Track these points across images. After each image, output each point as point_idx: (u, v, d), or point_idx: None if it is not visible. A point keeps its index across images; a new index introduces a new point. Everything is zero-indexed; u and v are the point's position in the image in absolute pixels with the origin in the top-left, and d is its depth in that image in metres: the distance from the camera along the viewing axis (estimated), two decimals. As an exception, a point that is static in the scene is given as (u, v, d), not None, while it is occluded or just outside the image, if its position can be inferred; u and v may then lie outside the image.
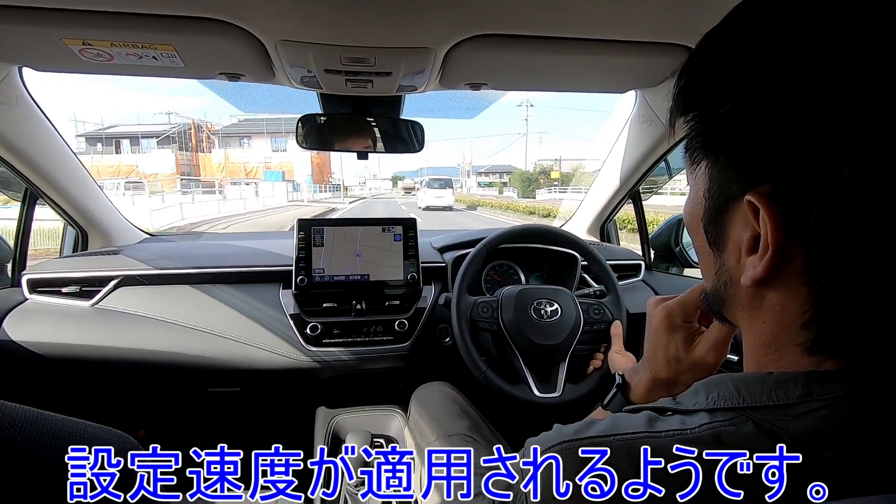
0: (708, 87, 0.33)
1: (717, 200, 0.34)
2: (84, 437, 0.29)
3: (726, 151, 0.33)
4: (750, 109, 0.30)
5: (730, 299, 0.37)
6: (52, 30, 0.76)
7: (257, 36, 0.78)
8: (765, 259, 0.30)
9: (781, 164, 0.29)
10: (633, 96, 1.23)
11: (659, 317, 0.57)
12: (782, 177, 0.29)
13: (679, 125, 0.37)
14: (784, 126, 0.28)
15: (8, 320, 1.10)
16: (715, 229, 0.36)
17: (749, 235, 0.32)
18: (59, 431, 0.28)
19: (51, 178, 1.18)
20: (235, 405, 1.41)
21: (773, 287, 0.32)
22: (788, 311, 0.32)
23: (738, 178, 0.32)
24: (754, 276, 0.32)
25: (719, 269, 0.37)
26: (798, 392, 0.30)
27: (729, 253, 0.35)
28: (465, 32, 0.80)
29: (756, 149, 0.30)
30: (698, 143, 0.35)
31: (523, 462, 0.37)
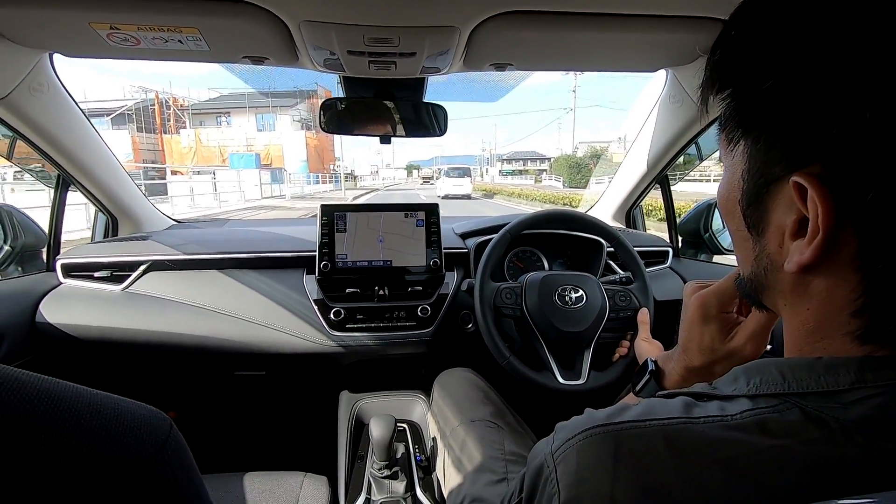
0: (747, 61, 0.31)
1: (757, 182, 0.32)
2: (117, 410, 0.29)
3: (769, 130, 0.30)
4: (797, 84, 0.28)
5: (770, 286, 0.35)
6: (80, 14, 0.77)
7: (281, 17, 0.78)
8: (814, 243, 0.29)
9: (834, 142, 0.27)
10: (662, 76, 1.19)
11: (694, 306, 0.55)
12: (835, 156, 0.27)
13: (713, 103, 0.34)
14: (837, 100, 0.26)
15: (44, 303, 1.14)
16: (754, 213, 0.34)
17: (794, 219, 0.30)
18: (94, 405, 0.29)
19: (82, 165, 1.21)
20: (261, 388, 1.44)
21: (820, 273, 0.30)
22: (836, 298, 0.30)
23: (782, 158, 0.30)
24: (800, 261, 0.30)
25: (759, 255, 0.35)
26: (850, 378, 0.29)
27: (770, 237, 0.33)
28: (491, 10, 0.78)
29: (804, 127, 0.28)
30: (736, 122, 0.33)
31: (553, 445, 0.37)
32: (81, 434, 0.27)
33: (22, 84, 0.97)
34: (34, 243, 1.27)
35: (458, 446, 0.91)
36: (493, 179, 54.30)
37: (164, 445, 0.30)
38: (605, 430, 0.34)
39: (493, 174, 62.29)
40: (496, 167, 67.66)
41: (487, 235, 1.27)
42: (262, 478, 0.93)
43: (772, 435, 0.29)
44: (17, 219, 1.21)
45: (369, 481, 0.98)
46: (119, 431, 0.29)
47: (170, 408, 1.42)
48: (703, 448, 0.30)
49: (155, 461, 0.29)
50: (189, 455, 0.34)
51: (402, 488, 0.95)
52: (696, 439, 0.31)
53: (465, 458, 0.87)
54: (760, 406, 0.31)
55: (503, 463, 0.83)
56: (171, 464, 0.30)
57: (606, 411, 0.36)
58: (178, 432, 0.33)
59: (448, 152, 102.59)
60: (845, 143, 0.26)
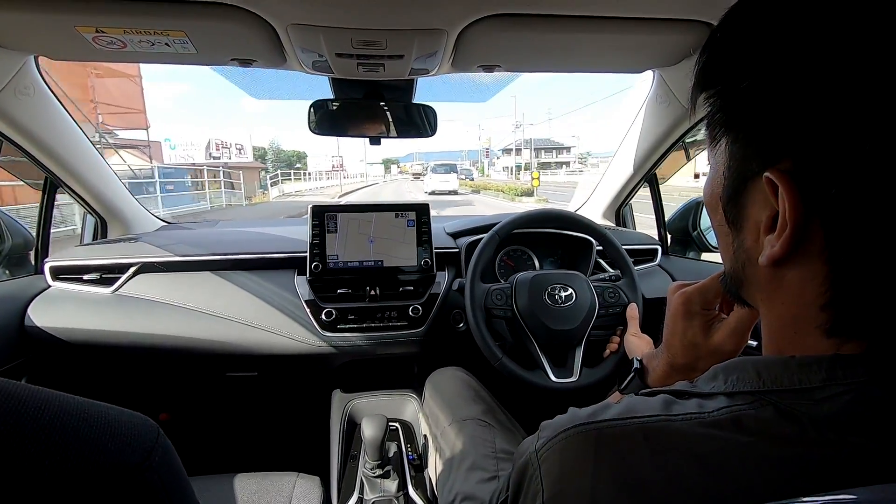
0: (729, 63, 0.33)
1: (736, 179, 0.34)
2: (105, 419, 0.30)
3: (746, 128, 0.32)
4: (771, 84, 0.29)
5: (748, 280, 0.37)
6: (65, 17, 0.76)
7: (268, 20, 0.78)
8: (783, 237, 0.30)
9: (801, 139, 0.28)
10: (649, 76, 1.20)
11: (677, 303, 0.57)
12: (802, 152, 0.28)
13: (700, 104, 0.36)
14: (804, 100, 0.28)
15: (33, 306, 1.13)
16: (734, 208, 0.35)
17: (768, 214, 0.31)
18: (81, 413, 0.29)
19: (70, 167, 1.20)
20: (254, 389, 1.44)
21: (792, 267, 0.31)
22: (808, 292, 0.31)
23: (757, 154, 0.31)
24: (772, 254, 0.31)
25: (737, 250, 0.36)
26: (821, 376, 0.30)
27: (747, 232, 0.35)
28: (478, 12, 0.78)
29: (776, 124, 0.30)
30: (719, 121, 0.34)
31: (537, 444, 0.37)
32: (69, 443, 0.27)
33: (7, 87, 0.96)
34: (22, 246, 1.26)
35: (450, 445, 0.91)
36: (494, 177, 48.03)
37: (151, 451, 0.31)
38: (587, 429, 0.35)
39: (496, 168, 54.21)
40: (498, 161, 58.66)
41: (478, 235, 1.28)
42: (254, 479, 0.94)
43: (746, 431, 0.30)
44: (3, 221, 1.20)
45: (362, 481, 0.99)
46: (106, 439, 0.29)
47: (161, 410, 1.42)
48: (680, 444, 0.31)
49: (143, 467, 0.29)
50: (177, 460, 0.34)
51: (395, 487, 0.96)
52: (674, 436, 0.32)
53: (456, 456, 0.88)
54: (737, 403, 0.32)
55: (494, 461, 0.84)
56: (158, 470, 0.31)
57: (589, 410, 0.37)
58: (165, 438, 0.33)
59: (425, 148, 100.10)
60: (811, 140, 0.28)
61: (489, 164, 59.76)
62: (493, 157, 61.20)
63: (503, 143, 64.06)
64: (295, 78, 1.09)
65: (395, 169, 78.35)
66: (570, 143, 59.37)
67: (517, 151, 50.33)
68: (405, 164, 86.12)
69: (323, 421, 1.24)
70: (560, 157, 52.97)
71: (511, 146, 57.94)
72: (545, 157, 56.98)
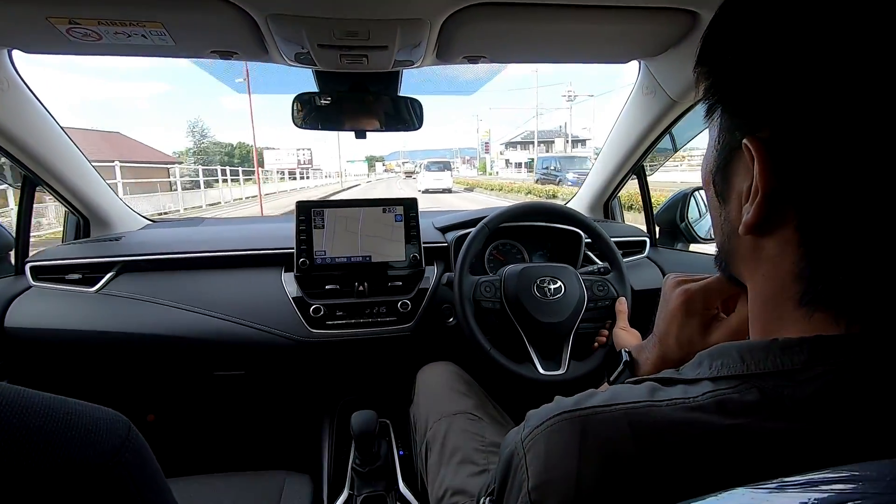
0: (720, 37, 0.34)
1: (723, 150, 0.35)
2: (71, 415, 0.29)
3: (734, 99, 0.33)
4: (758, 56, 0.30)
5: (733, 252, 0.38)
6: (36, 8, 0.74)
7: (247, 10, 0.76)
8: (755, 203, 0.31)
9: (780, 108, 0.29)
10: (636, 67, 1.20)
11: (678, 300, 0.55)
12: (781, 122, 0.29)
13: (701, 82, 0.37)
14: (785, 72, 0.28)
15: (13, 307, 1.11)
16: (721, 180, 0.36)
17: (748, 184, 0.32)
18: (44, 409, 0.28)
19: (49, 165, 1.17)
20: (241, 388, 1.42)
21: (769, 237, 0.32)
22: (785, 263, 0.32)
23: (741, 125, 0.33)
24: (747, 221, 0.32)
25: (724, 222, 0.37)
26: (803, 358, 0.30)
27: (732, 204, 0.36)
28: (461, 1, 0.78)
29: (757, 93, 0.31)
30: (712, 94, 0.35)
31: (523, 433, 0.37)
32: (29, 439, 0.26)
33: None
34: (2, 246, 1.23)
35: (440, 439, 0.91)
36: (501, 174, 41.64)
37: (120, 448, 0.30)
38: (572, 416, 0.34)
39: (499, 165, 47.47)
40: (500, 157, 52.01)
41: (466, 229, 1.27)
42: (244, 478, 0.93)
43: (730, 414, 0.30)
44: (-19, 222, 1.18)
45: (352, 477, 0.98)
46: (70, 435, 0.28)
47: (148, 410, 1.40)
48: (665, 429, 0.31)
49: (111, 464, 0.29)
50: (151, 457, 0.33)
51: (385, 483, 0.96)
52: (658, 421, 0.32)
53: (446, 450, 0.88)
54: (721, 388, 0.32)
55: (484, 454, 0.84)
56: (129, 466, 0.30)
57: (574, 398, 0.37)
58: (138, 434, 0.32)
59: (411, 146, 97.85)
60: (789, 109, 0.29)
61: (491, 161, 53.78)
62: (496, 153, 55.81)
63: (504, 137, 58.59)
64: (278, 72, 1.07)
65: (380, 167, 74.51)
66: (584, 135, 51.03)
67: (523, 146, 44.38)
68: (390, 161, 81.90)
69: (312, 418, 1.23)
70: (575, 151, 42.43)
71: (517, 138, 51.16)
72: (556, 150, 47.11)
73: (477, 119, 68.74)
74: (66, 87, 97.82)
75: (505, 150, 54.98)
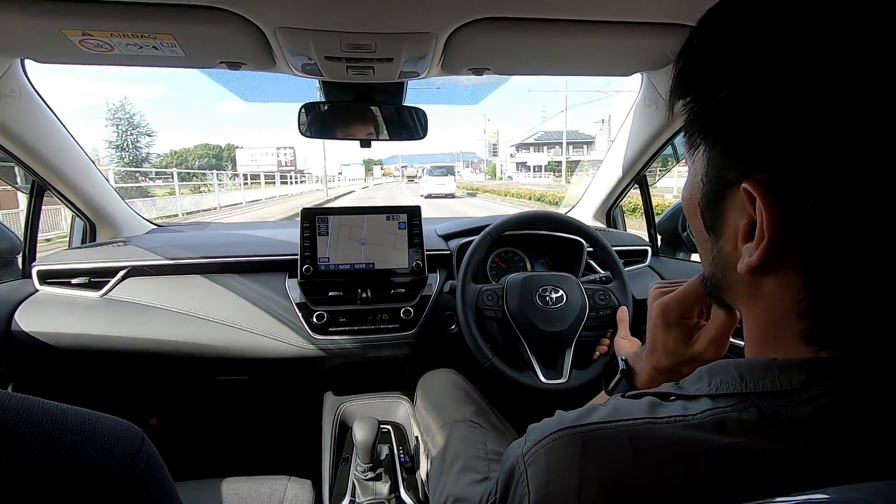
0: (707, 70, 0.32)
1: (714, 186, 0.34)
2: (87, 426, 0.30)
3: (724, 137, 0.32)
4: (749, 94, 0.29)
5: (727, 285, 0.37)
6: (51, 21, 0.76)
7: (257, 23, 0.78)
8: (760, 247, 0.30)
9: (779, 151, 0.28)
10: (638, 79, 1.21)
11: (655, 312, 0.56)
12: (780, 164, 0.29)
13: (679, 108, 0.36)
14: (784, 112, 0.28)
15: (20, 311, 1.12)
16: (712, 215, 0.35)
17: (746, 222, 0.32)
18: (63, 421, 0.29)
19: (58, 171, 1.19)
20: (245, 393, 1.43)
21: (770, 275, 0.32)
22: (786, 299, 0.31)
23: (735, 164, 0.31)
24: (750, 263, 0.31)
25: (716, 256, 0.37)
26: (801, 378, 0.30)
27: (726, 239, 0.35)
28: (466, 16, 0.79)
29: (754, 135, 0.30)
30: (697, 127, 0.34)
31: (525, 447, 0.38)
32: (50, 451, 0.27)
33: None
34: (9, 250, 1.24)
35: (441, 446, 0.92)
36: (515, 179, 37.30)
37: (135, 458, 0.30)
38: (573, 432, 0.35)
39: (508, 168, 43.25)
40: (509, 160, 47.87)
41: (469, 237, 1.28)
42: (245, 482, 0.93)
43: (729, 433, 0.31)
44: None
45: (354, 483, 0.98)
46: (88, 446, 0.29)
47: (152, 414, 1.41)
48: (665, 447, 0.31)
49: (126, 475, 0.29)
50: (163, 467, 0.34)
51: (387, 489, 0.96)
52: (658, 439, 0.32)
53: (448, 458, 0.88)
54: (720, 405, 0.32)
55: (485, 462, 0.85)
56: (143, 477, 0.30)
57: (575, 413, 0.37)
58: (150, 444, 0.33)
59: (409, 150, 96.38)
60: (789, 153, 0.28)
61: (500, 165, 49.07)
62: (504, 155, 51.29)
63: (513, 139, 53.01)
64: (284, 80, 1.09)
65: (378, 171, 70.79)
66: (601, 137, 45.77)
67: (537, 147, 39.34)
68: (389, 165, 78.50)
69: (314, 424, 1.24)
70: (591, 154, 40.82)
71: (530, 139, 45.74)
72: (574, 153, 42.94)
73: (484, 119, 63.04)
74: (60, 91, 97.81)
75: (516, 152, 50.60)
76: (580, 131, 46.32)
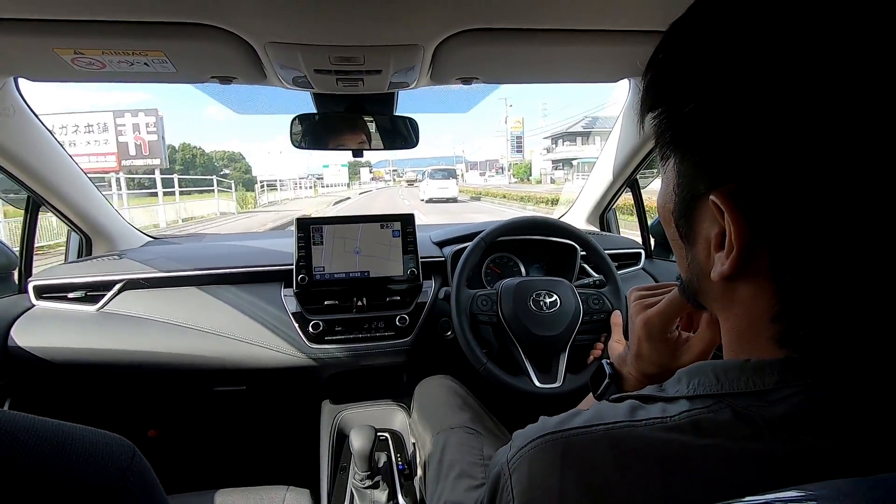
0: (672, 84, 0.33)
1: (685, 196, 0.35)
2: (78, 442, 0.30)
3: (692, 149, 0.33)
4: (713, 108, 0.30)
5: (702, 291, 0.38)
6: (43, 40, 0.77)
7: (246, 39, 0.79)
8: (731, 257, 0.31)
9: (744, 163, 0.29)
10: (627, 85, 1.23)
11: (639, 326, 0.57)
12: (745, 176, 0.29)
13: (648, 120, 0.36)
14: (746, 126, 0.28)
15: (16, 327, 1.12)
16: (685, 224, 0.36)
17: (717, 232, 0.32)
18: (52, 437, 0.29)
19: (52, 186, 1.20)
20: (242, 403, 1.43)
21: (743, 282, 0.33)
22: (759, 305, 0.32)
23: (703, 176, 0.32)
24: (721, 272, 0.32)
25: (691, 263, 0.38)
26: (774, 378, 0.31)
27: (699, 247, 0.36)
28: (453, 28, 0.80)
29: (720, 148, 0.30)
30: (667, 139, 0.35)
31: (510, 454, 0.38)
32: (39, 468, 0.27)
33: None
34: (5, 265, 1.25)
35: (438, 453, 0.92)
36: (553, 178, 31.97)
37: (125, 473, 0.31)
38: (555, 437, 0.35)
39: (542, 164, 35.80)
40: (538, 155, 38.78)
41: (463, 243, 1.29)
42: (244, 493, 0.93)
43: (705, 434, 0.31)
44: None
45: (352, 492, 0.99)
46: (78, 462, 0.29)
47: (149, 426, 1.41)
48: (643, 450, 0.32)
49: (116, 489, 0.30)
50: (155, 480, 0.35)
51: (385, 497, 0.97)
52: (637, 442, 0.32)
53: (444, 464, 0.88)
54: (697, 407, 0.33)
55: (482, 468, 0.85)
56: (133, 491, 0.31)
57: (558, 418, 0.38)
58: (142, 458, 0.34)
59: (400, 155, 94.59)
60: (753, 165, 0.29)
61: (526, 162, 37.17)
62: (512, 152, 40.57)
63: (544, 129, 40.49)
64: (277, 92, 1.10)
65: (366, 174, 63.70)
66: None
67: (585, 137, 29.49)
68: (379, 169, 74.14)
69: (312, 433, 1.24)
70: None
71: (576, 127, 34.29)
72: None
73: (505, 104, 45.68)
74: (44, 99, 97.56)
75: (553, 146, 39.08)
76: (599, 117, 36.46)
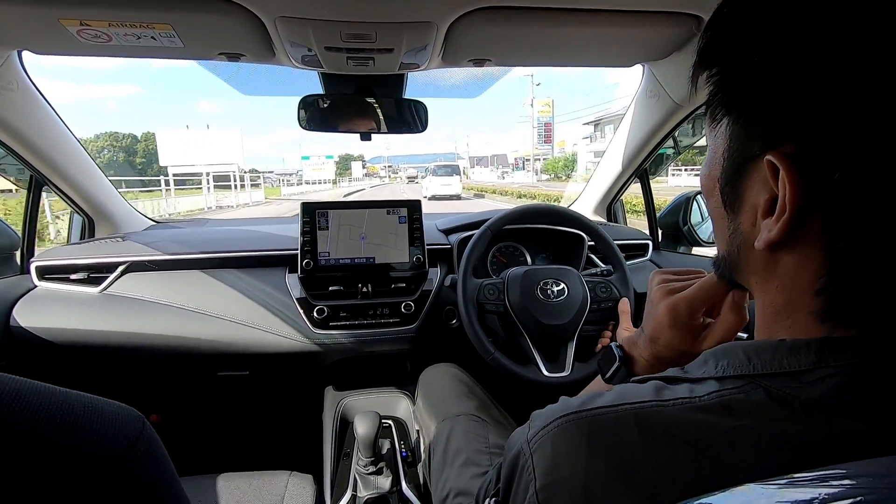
0: (736, 38, 0.32)
1: (735, 160, 0.34)
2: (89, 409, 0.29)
3: (750, 108, 0.32)
4: (780, 61, 0.29)
5: (743, 264, 0.37)
6: (49, 10, 0.75)
7: (256, 13, 0.77)
8: (781, 221, 0.30)
9: (806, 122, 0.28)
10: (640, 71, 1.21)
11: (663, 311, 0.55)
12: (807, 136, 0.28)
13: (701, 85, 0.35)
14: (813, 81, 0.27)
15: (18, 307, 1.11)
16: (732, 190, 0.35)
17: (766, 198, 0.31)
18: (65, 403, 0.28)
19: (56, 165, 1.18)
20: (245, 389, 1.42)
21: (788, 251, 0.31)
22: (803, 277, 0.31)
23: (759, 136, 0.31)
24: (769, 238, 0.31)
25: (733, 233, 0.36)
26: (811, 359, 0.30)
27: (744, 216, 0.34)
28: (468, 5, 0.78)
29: (781, 105, 0.29)
30: (720, 101, 0.34)
31: (529, 434, 0.37)
32: (53, 432, 0.26)
33: None
34: (8, 245, 1.24)
35: (443, 441, 0.91)
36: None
37: (136, 442, 0.30)
38: (579, 417, 0.34)
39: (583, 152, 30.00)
40: (581, 143, 32.49)
41: (470, 231, 1.28)
42: (247, 478, 0.93)
43: (736, 415, 0.30)
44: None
45: (355, 478, 0.98)
46: (90, 429, 0.28)
47: (152, 411, 1.40)
48: (671, 430, 0.31)
49: (126, 458, 0.29)
50: (164, 452, 0.34)
51: (388, 484, 0.96)
52: (665, 422, 0.32)
53: (449, 452, 0.88)
54: (727, 387, 0.32)
55: (488, 456, 0.84)
56: (143, 461, 0.30)
57: (580, 398, 0.37)
58: (151, 430, 0.33)
59: (394, 150, 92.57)
60: (817, 123, 0.27)
61: (565, 154, 31.78)
62: (562, 138, 33.86)
63: (571, 112, 35.47)
64: (283, 73, 1.08)
65: (358, 168, 61.02)
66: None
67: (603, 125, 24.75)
68: (374, 164, 72.89)
69: (316, 419, 1.23)
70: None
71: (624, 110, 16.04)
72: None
73: (531, 83, 36.33)
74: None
75: (596, 133, 33.09)
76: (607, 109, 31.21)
